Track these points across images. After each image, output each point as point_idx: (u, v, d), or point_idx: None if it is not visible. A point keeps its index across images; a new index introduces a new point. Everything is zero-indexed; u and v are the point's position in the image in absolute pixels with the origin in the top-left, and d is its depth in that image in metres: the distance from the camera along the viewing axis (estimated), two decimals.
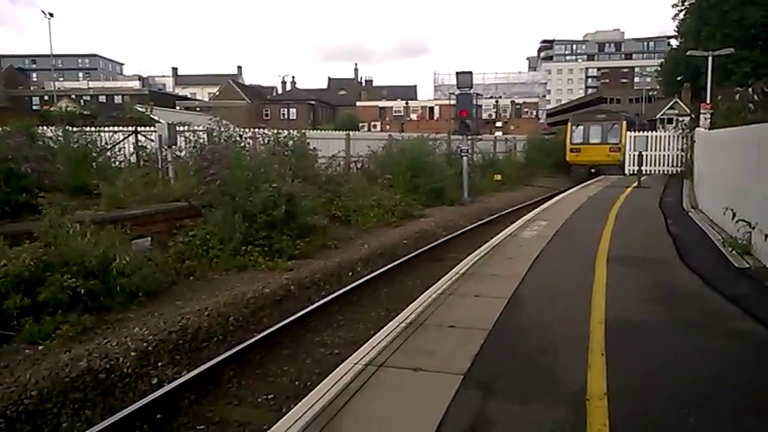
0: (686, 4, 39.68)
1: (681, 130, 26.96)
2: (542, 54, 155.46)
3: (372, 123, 70.53)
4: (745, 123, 10.95)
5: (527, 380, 4.39)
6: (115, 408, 5.90)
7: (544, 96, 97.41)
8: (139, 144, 16.14)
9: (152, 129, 16.42)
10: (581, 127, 30.10)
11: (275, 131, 17.16)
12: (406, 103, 76.04)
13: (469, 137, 23.19)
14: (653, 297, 6.69)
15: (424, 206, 19.20)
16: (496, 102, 74.12)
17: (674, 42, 47.21)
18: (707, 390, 4.20)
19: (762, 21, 33.58)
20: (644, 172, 23.56)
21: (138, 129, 16.52)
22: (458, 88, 22.29)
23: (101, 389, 6.24)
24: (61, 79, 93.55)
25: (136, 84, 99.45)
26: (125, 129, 16.98)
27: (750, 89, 18.76)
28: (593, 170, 28.70)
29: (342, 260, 11.78)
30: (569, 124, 31.27)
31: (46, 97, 68.68)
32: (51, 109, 31.33)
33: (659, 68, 48.52)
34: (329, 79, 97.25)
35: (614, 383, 4.25)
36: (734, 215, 9.44)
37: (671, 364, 4.71)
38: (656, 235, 11.03)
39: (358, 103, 76.79)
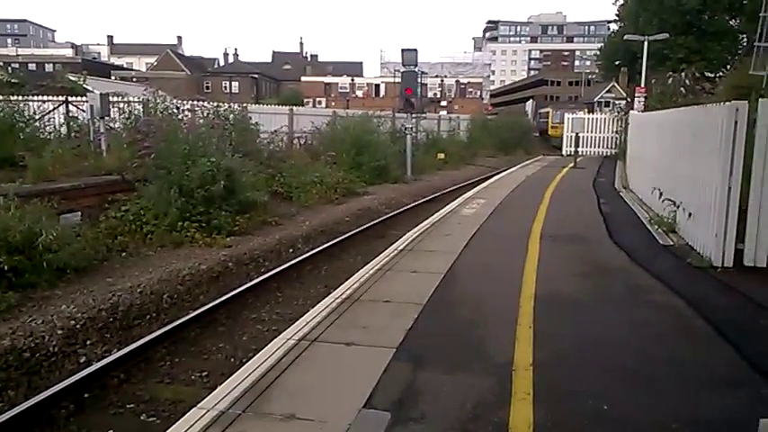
0: None
1: (616, 113, 27.84)
2: (487, 35, 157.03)
3: (317, 99, 69.70)
4: (677, 107, 11.41)
5: (457, 352, 4.50)
6: (40, 387, 5.70)
7: (488, 77, 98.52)
8: (71, 115, 15.42)
9: (84, 99, 15.69)
10: (559, 112, 39.59)
11: (215, 104, 16.73)
12: (352, 80, 75.43)
13: (414, 115, 23.29)
14: (581, 272, 6.94)
15: (368, 184, 19.22)
16: (442, 81, 74.45)
17: (613, 27, 48.48)
18: (628, 360, 4.41)
19: (697, 8, 34.90)
20: (580, 153, 24.28)
21: (70, 99, 15.76)
22: (403, 66, 22.27)
23: (25, 368, 6.02)
24: None
25: (68, 52, 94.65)
26: (55, 98, 16.18)
27: (683, 74, 19.53)
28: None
29: (282, 237, 11.68)
30: (551, 110, 43.96)
31: None
32: None
33: (599, 52, 49.77)
34: (273, 53, 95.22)
35: (540, 355, 4.41)
36: (660, 194, 9.87)
37: (595, 336, 4.91)
38: (587, 213, 11.43)
39: (303, 79, 75.61)
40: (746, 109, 6.77)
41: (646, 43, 24.06)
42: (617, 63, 42.16)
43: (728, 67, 31.97)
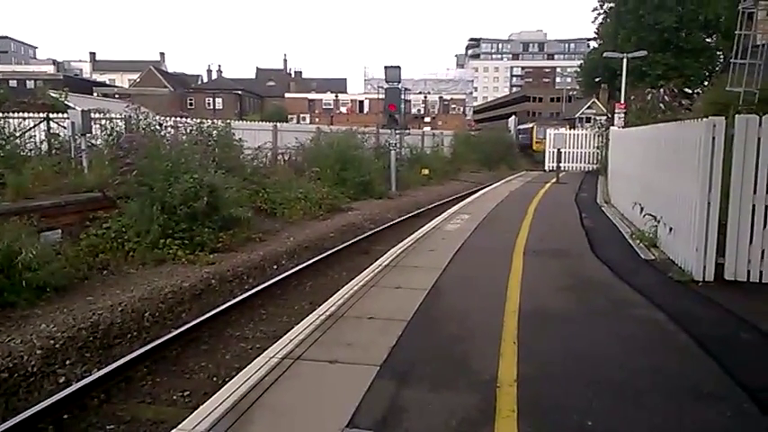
0: (605, 8, 41.54)
1: (597, 129, 28.19)
2: (470, 52, 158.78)
3: (302, 115, 69.74)
4: (656, 123, 11.57)
5: (441, 369, 4.47)
6: (18, 408, 5.58)
7: (471, 93, 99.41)
8: (52, 132, 15.28)
9: (65, 116, 15.58)
10: (542, 128, 42.15)
11: (198, 121, 16.68)
12: (336, 96, 75.65)
13: (397, 131, 23.41)
14: (565, 287, 6.97)
15: (352, 199, 19.24)
16: (425, 97, 74.93)
17: (593, 44, 49.30)
18: (611, 374, 4.41)
19: (674, 26, 35.66)
20: (562, 168, 24.52)
21: (51, 115, 15.64)
22: (386, 82, 22.41)
23: (3, 389, 5.91)
24: None
25: (50, 68, 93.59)
26: (36, 115, 16.04)
27: (661, 90, 19.84)
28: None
29: (266, 253, 11.62)
30: (535, 126, 47.81)
31: None
32: None
33: (579, 69, 50.51)
34: (257, 69, 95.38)
35: (524, 370, 4.40)
36: (641, 209, 9.97)
37: (579, 350, 4.92)
38: (570, 228, 11.51)
39: (287, 95, 75.67)
40: (724, 125, 6.88)
41: (625, 60, 24.47)
42: (597, 80, 42.88)
43: (706, 83, 32.65)
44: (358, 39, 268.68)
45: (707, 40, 37.90)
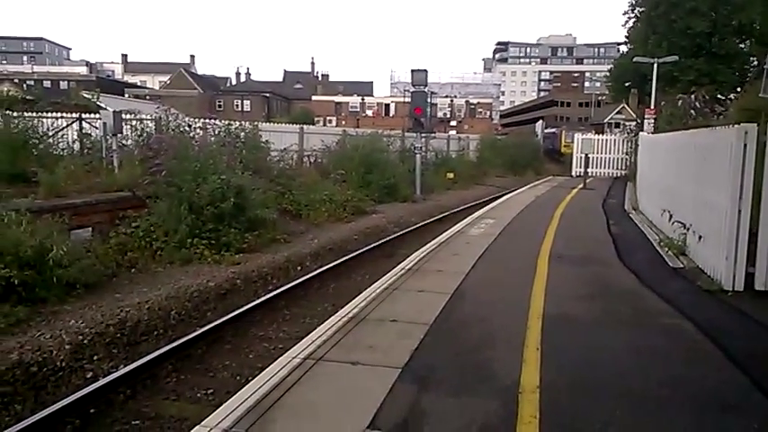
0: (636, 12, 40.98)
1: (626, 135, 27.80)
2: (497, 56, 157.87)
3: (328, 118, 70.13)
4: (686, 129, 11.38)
5: (463, 374, 4.46)
6: (46, 402, 5.71)
7: (498, 97, 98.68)
8: (84, 132, 15.62)
9: (97, 116, 15.93)
10: (570, 132, 42.38)
11: (227, 122, 16.90)
12: (362, 99, 75.88)
13: (423, 135, 23.38)
14: (590, 294, 6.89)
15: (377, 202, 19.25)
16: (451, 101, 74.69)
17: (623, 49, 48.63)
18: (636, 384, 4.35)
19: (706, 31, 35.02)
20: (590, 174, 24.24)
21: (83, 116, 15.99)
22: (412, 86, 22.41)
23: (32, 383, 6.04)
24: (4, 62, 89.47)
25: (83, 69, 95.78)
26: (69, 115, 16.42)
27: (692, 96, 19.49)
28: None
29: (291, 254, 11.70)
30: (563, 131, 47.86)
31: None
32: None
33: (608, 74, 49.90)
34: (285, 72, 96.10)
35: (547, 377, 4.37)
36: (670, 217, 9.81)
37: (603, 359, 4.87)
38: (597, 234, 11.37)
39: (314, 98, 76.16)
40: (756, 131, 6.75)
41: (655, 65, 24.11)
42: (627, 85, 42.27)
43: (739, 89, 31.96)
44: (385, 42, 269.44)
45: (740, 45, 37.14)
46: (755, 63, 33.99)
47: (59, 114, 16.61)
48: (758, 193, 6.81)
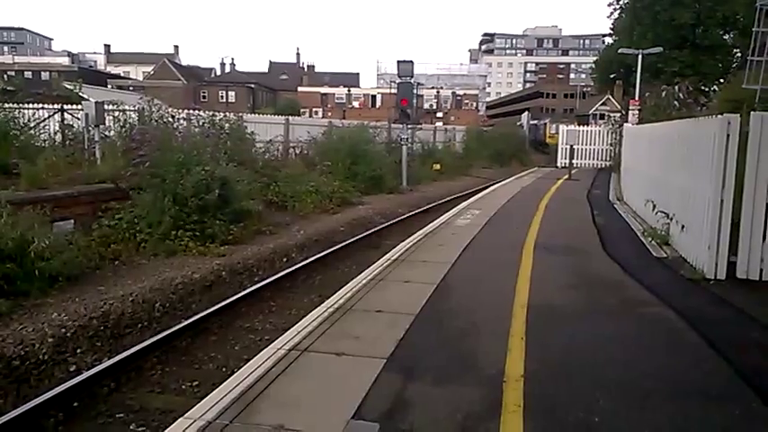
0: (621, 3, 41.14)
1: (611, 126, 27.96)
2: (483, 47, 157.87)
3: (314, 109, 69.76)
4: (670, 120, 11.46)
5: (448, 363, 4.48)
6: (29, 396, 5.65)
7: (484, 89, 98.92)
8: (66, 123, 15.39)
9: (79, 107, 15.70)
10: (554, 124, 43.59)
11: (211, 113, 16.75)
12: (349, 91, 75.56)
13: (409, 126, 23.34)
14: (574, 284, 6.94)
15: (363, 193, 19.23)
16: (438, 92, 74.60)
17: (608, 40, 48.82)
18: (619, 372, 4.39)
19: (690, 23, 35.26)
20: (575, 165, 24.36)
21: (65, 107, 15.75)
22: (399, 77, 22.37)
23: (14, 376, 5.97)
24: None
25: (65, 60, 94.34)
26: (50, 106, 16.16)
27: (677, 87, 19.63)
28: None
29: (277, 246, 11.65)
30: (548, 123, 49.52)
31: None
32: None
33: (594, 65, 50.12)
34: (270, 63, 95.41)
35: (531, 366, 4.39)
36: (654, 207, 9.89)
37: (587, 348, 4.90)
38: (581, 225, 11.45)
39: (300, 89, 75.68)
40: (738, 122, 6.81)
41: (640, 57, 24.24)
42: (612, 76, 42.52)
43: (722, 80, 32.26)
44: (371, 33, 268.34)
45: (724, 37, 37.44)
46: (739, 55, 34.38)
47: (41, 105, 16.34)
48: (740, 183, 6.89)
